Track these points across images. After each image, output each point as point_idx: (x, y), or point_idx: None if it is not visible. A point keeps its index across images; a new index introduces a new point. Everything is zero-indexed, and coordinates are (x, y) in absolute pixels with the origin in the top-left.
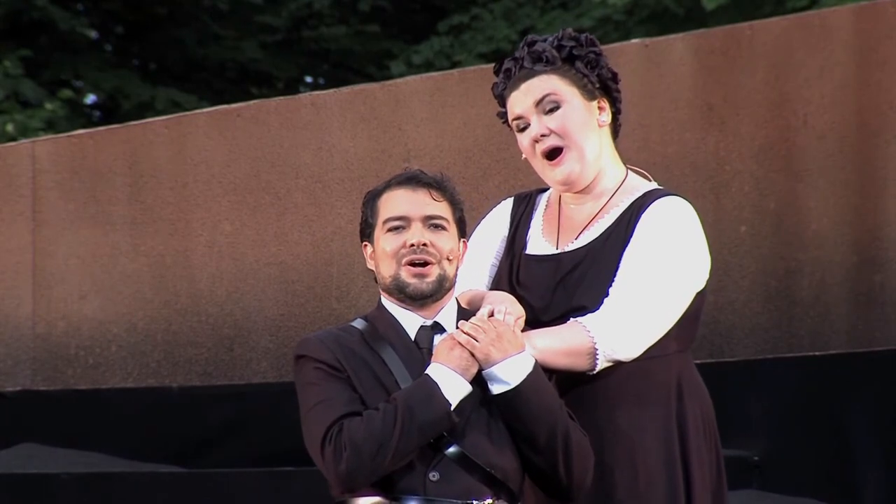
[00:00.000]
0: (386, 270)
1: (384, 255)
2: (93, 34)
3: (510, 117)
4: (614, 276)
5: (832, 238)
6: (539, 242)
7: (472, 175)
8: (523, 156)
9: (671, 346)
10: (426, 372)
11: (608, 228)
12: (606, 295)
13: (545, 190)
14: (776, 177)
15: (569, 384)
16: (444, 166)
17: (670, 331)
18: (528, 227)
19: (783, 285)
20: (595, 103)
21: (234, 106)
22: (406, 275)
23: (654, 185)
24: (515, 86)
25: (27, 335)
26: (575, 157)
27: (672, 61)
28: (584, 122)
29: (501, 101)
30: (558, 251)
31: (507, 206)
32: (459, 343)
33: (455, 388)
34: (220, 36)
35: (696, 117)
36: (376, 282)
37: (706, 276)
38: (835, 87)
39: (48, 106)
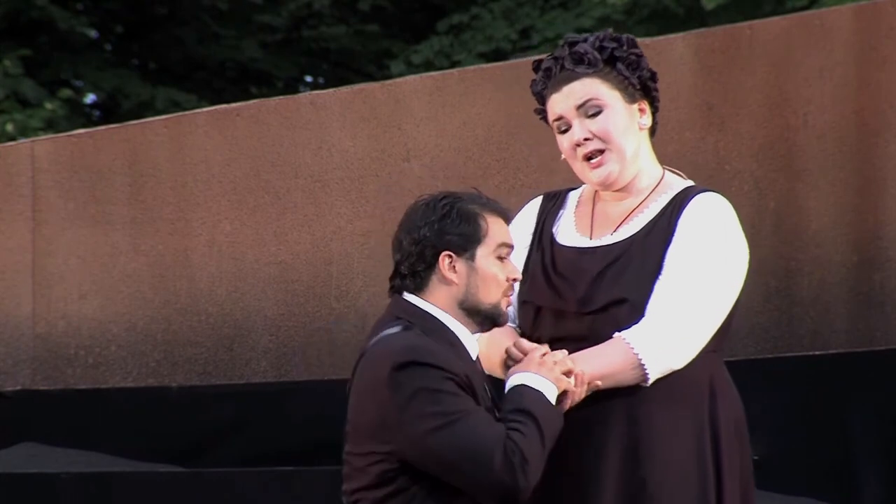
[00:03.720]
0: (489, 296)
1: (493, 280)
2: (93, 34)
3: (550, 118)
4: (657, 269)
5: (832, 237)
6: (571, 235)
7: (472, 174)
8: (562, 156)
9: (709, 344)
10: (527, 384)
11: (650, 222)
12: (648, 288)
13: (576, 188)
14: (776, 176)
15: None
16: (444, 166)
17: None
18: (557, 221)
19: (783, 285)
20: (636, 106)
21: (233, 105)
22: (504, 306)
23: (690, 182)
24: (556, 87)
25: (27, 335)
26: (615, 158)
27: (672, 61)
28: (625, 126)
29: (540, 99)
30: (595, 244)
31: (535, 203)
32: (564, 362)
33: (550, 394)
34: (219, 35)
35: (696, 117)
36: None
37: (744, 274)
38: (835, 86)
39: (48, 105)
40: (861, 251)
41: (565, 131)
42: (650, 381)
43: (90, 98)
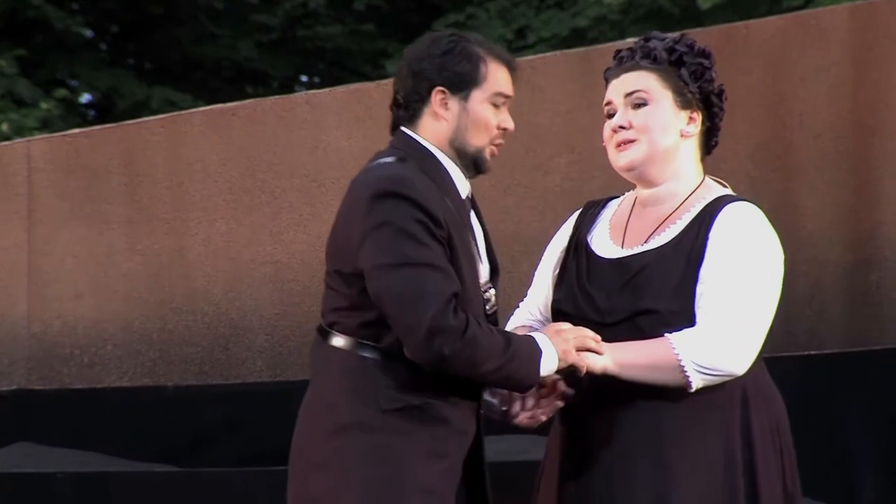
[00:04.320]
0: (476, 139)
1: (484, 124)
2: (88, 33)
3: (604, 101)
4: (682, 282)
5: (828, 237)
6: (604, 244)
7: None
8: (603, 142)
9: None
10: (535, 336)
11: (679, 234)
12: (672, 301)
13: (617, 196)
14: (772, 176)
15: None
16: None
17: None
18: (593, 229)
19: None
20: (687, 113)
21: (229, 105)
22: (489, 153)
23: (726, 191)
24: (617, 74)
25: (22, 334)
26: (643, 149)
27: None
28: (665, 126)
29: (607, 84)
30: (625, 253)
31: (576, 213)
32: (584, 341)
33: (548, 367)
34: (215, 35)
35: None
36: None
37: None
38: (830, 86)
39: (43, 105)
40: (857, 251)
41: (611, 116)
42: (694, 387)
43: (86, 98)
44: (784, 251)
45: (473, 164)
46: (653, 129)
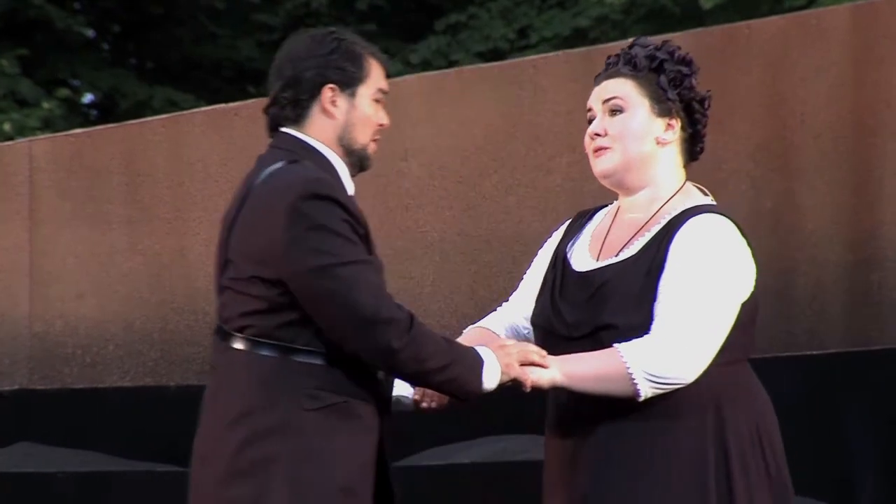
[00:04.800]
0: (362, 136)
1: (367, 121)
2: (90, 33)
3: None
4: (642, 295)
5: (829, 237)
6: (582, 256)
7: (469, 174)
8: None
9: (713, 360)
10: (477, 348)
11: (643, 247)
12: (632, 314)
13: (607, 205)
14: (773, 176)
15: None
16: (442, 165)
17: None
18: (576, 240)
19: (780, 284)
20: (665, 120)
21: (231, 105)
22: (371, 151)
23: (700, 202)
24: (599, 80)
25: (24, 334)
26: (616, 157)
27: None
28: (640, 134)
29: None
30: (592, 267)
31: (566, 223)
32: (528, 356)
33: (489, 380)
34: (217, 35)
35: None
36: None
37: (749, 286)
38: (831, 85)
39: (45, 105)
40: (858, 251)
41: (591, 122)
42: (642, 396)
43: (87, 97)
44: (785, 251)
45: (359, 161)
46: (627, 136)
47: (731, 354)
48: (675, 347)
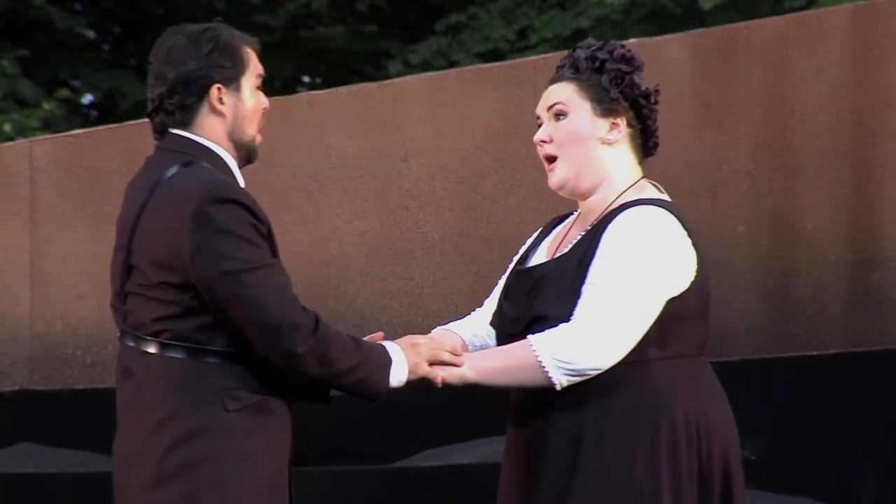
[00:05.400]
0: (250, 128)
1: (254, 111)
2: (90, 34)
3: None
4: (572, 286)
5: (829, 237)
6: (539, 256)
7: (470, 175)
8: None
9: (650, 352)
10: (386, 345)
11: (580, 239)
12: (563, 305)
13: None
14: (773, 176)
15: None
16: (442, 166)
17: (648, 336)
18: (542, 243)
19: (780, 284)
20: (609, 120)
21: None
22: (258, 142)
23: (648, 196)
24: (547, 85)
25: (24, 335)
26: (564, 167)
27: (669, 61)
28: (583, 137)
29: None
30: (539, 262)
31: (540, 228)
32: (438, 354)
33: (398, 377)
34: None
35: (694, 117)
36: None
37: (683, 281)
38: (831, 85)
39: (45, 105)
40: (858, 251)
41: (540, 127)
42: (558, 385)
43: (88, 98)
44: (785, 250)
45: (247, 154)
46: (571, 141)
47: (675, 348)
48: (584, 334)
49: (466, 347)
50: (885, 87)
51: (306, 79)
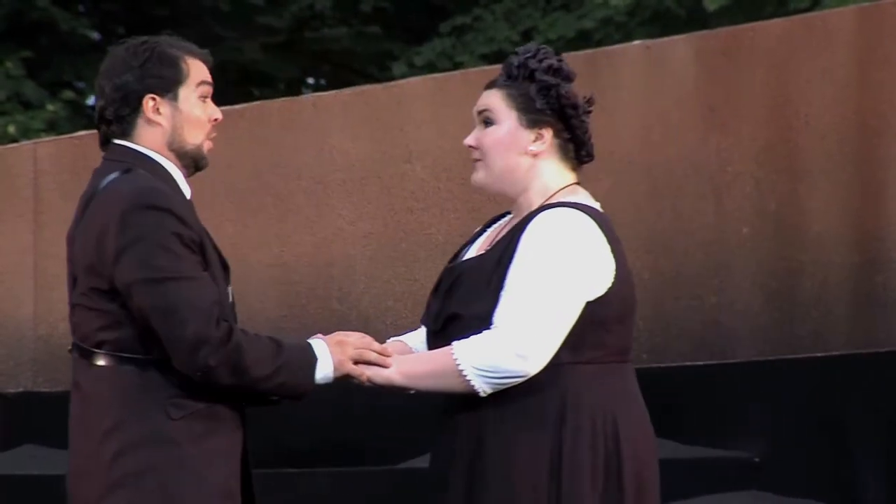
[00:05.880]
0: (192, 137)
1: (196, 120)
2: (94, 35)
3: None
4: (488, 286)
5: (833, 239)
6: (470, 254)
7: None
8: None
9: (561, 356)
10: (312, 342)
11: (500, 239)
12: (477, 305)
13: None
14: (777, 178)
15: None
16: (446, 167)
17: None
18: (474, 242)
19: (784, 286)
20: (534, 131)
21: (235, 107)
22: (206, 149)
23: (570, 199)
24: (483, 89)
25: (28, 336)
26: (485, 172)
27: (674, 63)
28: (506, 146)
29: None
30: (460, 260)
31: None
32: (365, 354)
33: (323, 374)
34: (221, 37)
35: (698, 118)
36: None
37: (600, 285)
38: (836, 87)
39: (50, 107)
40: (862, 252)
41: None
42: (481, 392)
43: (92, 100)
44: (790, 252)
45: (193, 162)
46: (495, 149)
47: (590, 353)
48: (501, 341)
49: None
50: (890, 88)
51: (310, 80)
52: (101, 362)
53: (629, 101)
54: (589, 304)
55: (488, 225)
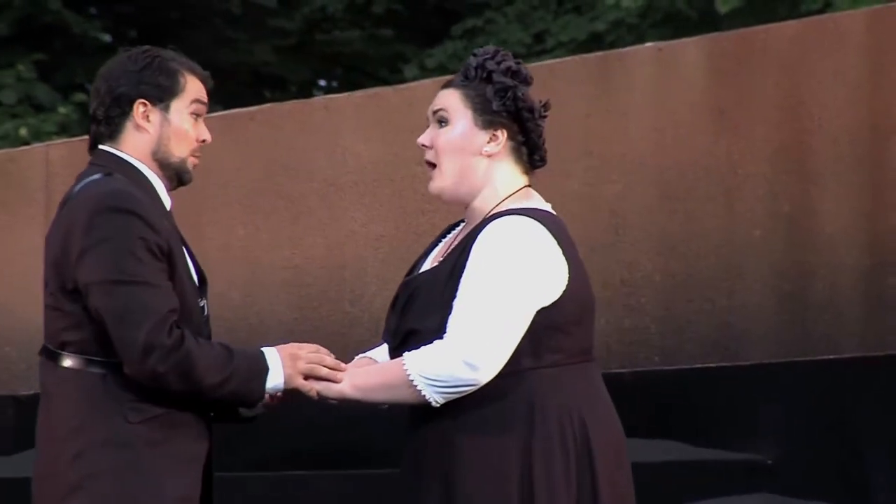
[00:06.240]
0: (178, 150)
1: (184, 135)
2: (106, 38)
3: None
4: (441, 298)
5: (845, 241)
6: (426, 266)
7: None
8: None
9: (523, 362)
10: (265, 351)
11: (451, 251)
12: (432, 318)
13: None
14: (789, 180)
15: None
16: None
17: (521, 347)
18: (431, 251)
19: (796, 288)
20: (489, 132)
21: (247, 109)
22: (191, 165)
23: (523, 205)
24: (440, 89)
25: (40, 338)
26: (442, 176)
27: (685, 65)
28: (460, 146)
29: None
30: (416, 273)
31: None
32: (316, 370)
33: (273, 384)
34: (233, 39)
35: (710, 121)
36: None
37: (554, 290)
38: (848, 90)
39: (62, 110)
40: (875, 254)
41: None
42: (433, 402)
43: None
44: (801, 255)
45: (177, 175)
46: (449, 149)
47: (550, 357)
48: (454, 351)
49: None
50: None
51: (322, 82)
52: (65, 364)
53: (641, 104)
54: (544, 309)
55: (444, 234)
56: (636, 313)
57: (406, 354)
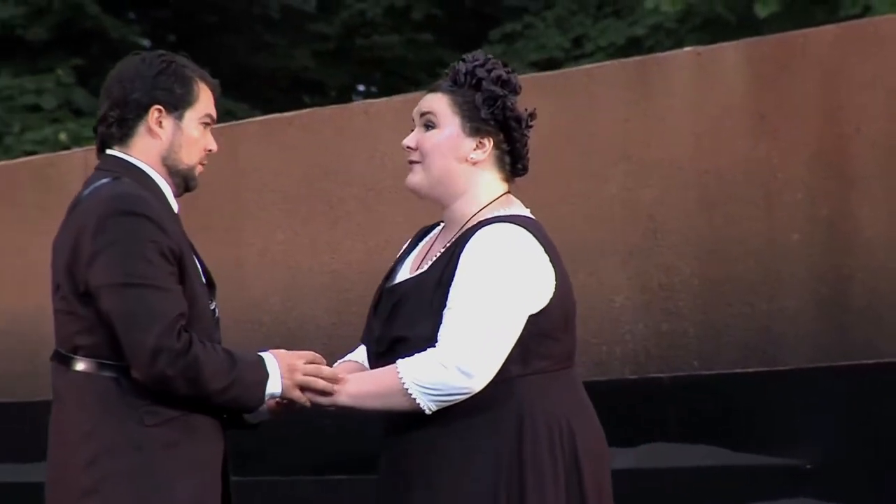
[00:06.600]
0: (188, 157)
1: (194, 143)
2: (145, 43)
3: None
4: (431, 306)
5: (885, 245)
6: (405, 271)
7: (522, 181)
8: None
9: (511, 369)
10: (265, 357)
11: (438, 258)
12: (421, 326)
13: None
14: (828, 184)
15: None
16: None
17: (510, 354)
18: (408, 255)
19: (835, 293)
20: (475, 139)
21: (286, 115)
22: (197, 172)
23: (505, 212)
24: (426, 92)
25: None
26: (421, 175)
27: (724, 69)
28: (446, 151)
29: None
30: (401, 280)
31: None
32: (313, 382)
33: (271, 391)
34: (272, 44)
35: (749, 125)
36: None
37: (542, 297)
38: (888, 94)
39: None
40: None
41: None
42: (427, 409)
43: None
44: (841, 259)
45: (184, 182)
46: (434, 153)
47: (538, 364)
48: (448, 360)
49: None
50: None
51: (361, 87)
52: (77, 367)
53: (680, 108)
54: (533, 316)
55: (419, 238)
56: (674, 318)
57: (399, 362)
